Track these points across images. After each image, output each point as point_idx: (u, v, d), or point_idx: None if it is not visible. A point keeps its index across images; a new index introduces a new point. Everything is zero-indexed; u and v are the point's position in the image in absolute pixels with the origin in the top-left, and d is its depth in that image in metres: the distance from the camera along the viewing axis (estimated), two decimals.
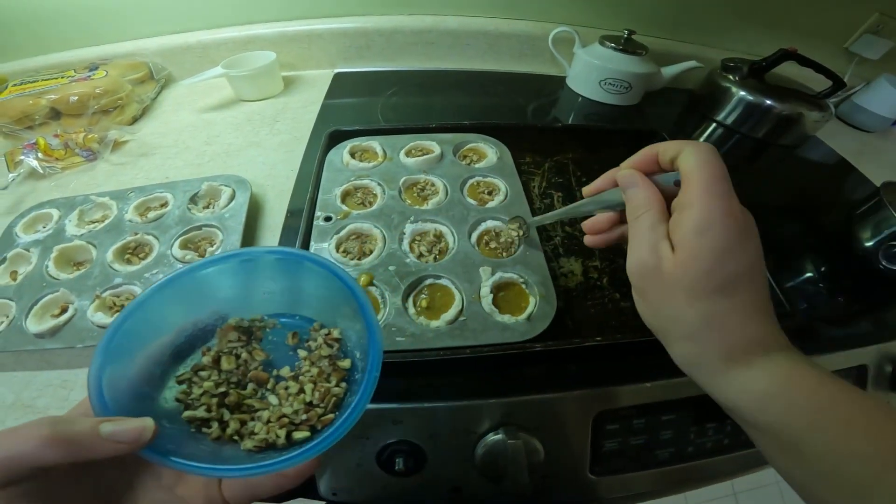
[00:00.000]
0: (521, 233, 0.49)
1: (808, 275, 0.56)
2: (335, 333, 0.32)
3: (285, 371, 0.31)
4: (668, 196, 0.30)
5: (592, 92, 0.82)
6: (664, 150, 0.30)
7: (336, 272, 0.30)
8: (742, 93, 0.75)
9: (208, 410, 0.28)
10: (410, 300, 0.44)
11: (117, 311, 0.46)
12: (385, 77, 0.86)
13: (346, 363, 0.31)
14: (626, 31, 0.77)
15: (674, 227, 0.28)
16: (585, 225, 0.36)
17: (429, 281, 0.46)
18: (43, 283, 0.48)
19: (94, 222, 0.55)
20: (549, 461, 0.41)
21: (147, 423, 0.22)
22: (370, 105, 0.78)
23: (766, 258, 0.51)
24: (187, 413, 0.27)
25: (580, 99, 0.84)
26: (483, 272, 0.46)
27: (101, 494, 0.24)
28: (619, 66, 0.77)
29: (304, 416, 0.27)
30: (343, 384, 0.29)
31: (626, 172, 0.31)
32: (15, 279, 0.50)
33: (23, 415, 0.41)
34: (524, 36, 0.87)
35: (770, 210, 0.64)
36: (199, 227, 0.52)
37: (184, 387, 0.28)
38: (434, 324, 0.42)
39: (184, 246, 0.51)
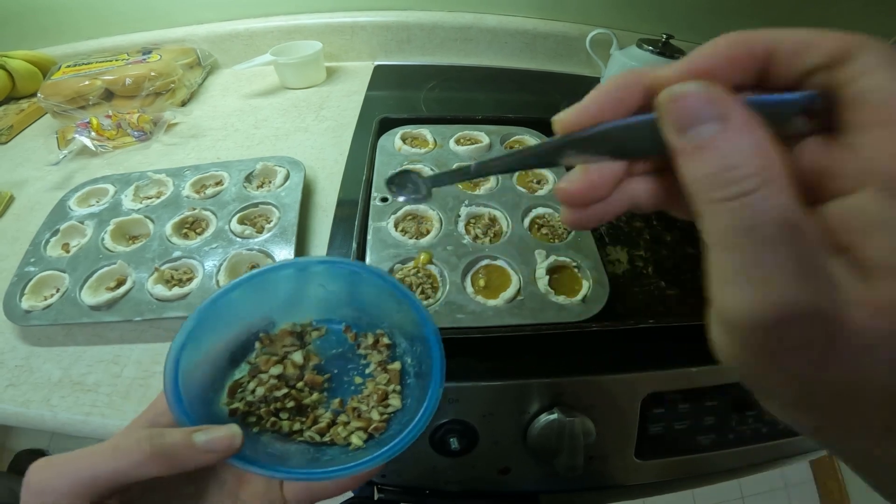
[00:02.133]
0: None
1: None
2: (385, 339, 0.33)
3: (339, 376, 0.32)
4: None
5: None
6: (797, 45, 0.14)
7: (392, 283, 0.30)
8: None
9: (268, 414, 0.29)
10: (468, 279, 0.45)
11: (175, 284, 0.47)
12: (424, 71, 0.88)
13: (396, 365, 0.31)
14: (665, 35, 0.78)
15: (860, 229, 0.13)
16: (564, 194, 0.18)
17: (485, 261, 0.47)
18: (99, 255, 0.49)
19: (149, 198, 0.56)
20: (599, 443, 0.42)
21: (234, 429, 0.23)
22: (412, 97, 0.80)
23: None
24: (251, 418, 0.28)
25: None
26: (538, 255, 0.47)
27: None
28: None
29: (358, 423, 0.29)
30: (397, 388, 0.30)
31: (692, 87, 0.14)
32: (68, 251, 0.50)
33: (70, 392, 0.41)
34: (560, 36, 0.89)
35: None
36: (256, 205, 0.54)
37: (241, 392, 0.29)
38: (492, 302, 0.43)
39: (241, 222, 0.52)
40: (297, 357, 0.31)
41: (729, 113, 0.13)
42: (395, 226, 0.49)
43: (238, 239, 0.50)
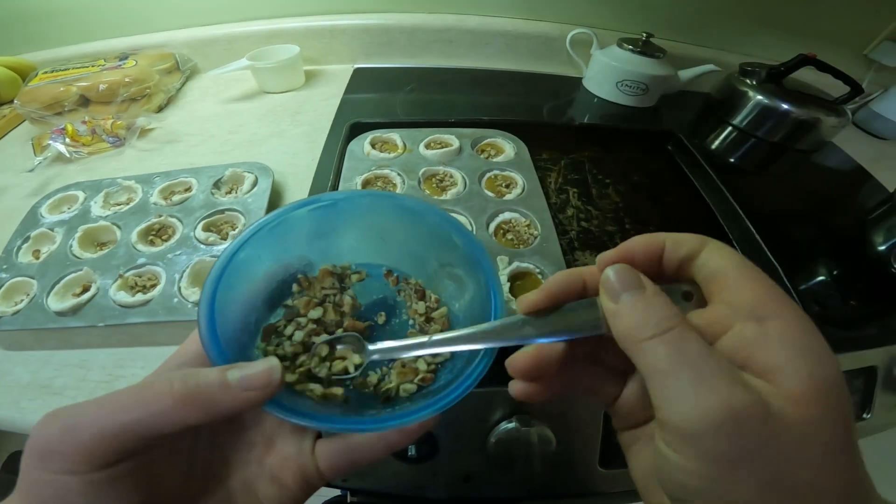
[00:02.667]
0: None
1: (821, 278, 0.56)
2: (423, 285, 0.30)
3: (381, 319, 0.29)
4: None
5: (609, 93, 0.83)
6: (676, 243, 0.20)
7: (454, 224, 0.27)
8: (759, 97, 0.76)
9: (306, 362, 0.26)
10: None
11: (139, 290, 0.47)
12: (404, 73, 0.88)
13: (442, 310, 0.29)
14: (645, 34, 0.78)
15: (747, 347, 0.17)
16: (516, 367, 0.22)
17: None
18: (67, 262, 0.49)
19: (119, 204, 0.56)
20: (561, 452, 0.41)
21: (273, 362, 0.20)
22: (389, 100, 0.79)
23: (782, 262, 0.52)
24: (291, 369, 0.25)
25: (596, 100, 0.85)
26: (500, 261, 0.46)
27: (197, 473, 0.23)
28: (636, 67, 0.78)
29: (404, 374, 0.26)
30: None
31: (621, 269, 0.20)
32: (38, 258, 0.51)
33: (38, 395, 0.41)
34: (542, 37, 0.88)
35: (785, 214, 0.64)
36: (222, 211, 0.54)
37: (276, 338, 0.27)
38: None
39: (206, 229, 0.52)
40: (338, 300, 0.28)
41: (643, 283, 0.19)
42: None
43: (202, 246, 0.50)
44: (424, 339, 0.23)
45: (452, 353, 0.27)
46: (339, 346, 0.26)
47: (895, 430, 0.50)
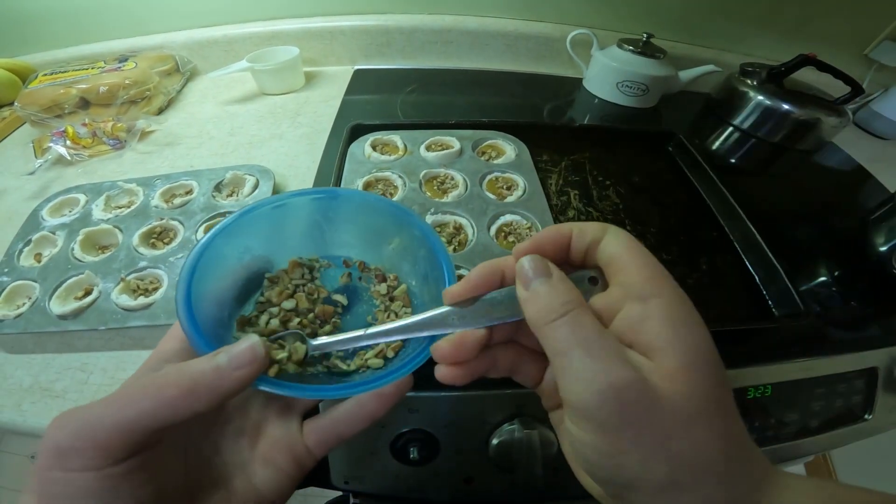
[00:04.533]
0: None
1: (822, 279, 0.56)
2: (383, 270, 0.33)
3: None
4: None
5: (609, 94, 0.83)
6: (581, 232, 0.22)
7: (385, 202, 0.31)
8: (760, 97, 0.76)
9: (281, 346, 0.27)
10: None
11: (141, 293, 0.47)
12: (404, 75, 0.88)
13: (402, 288, 0.32)
14: (645, 35, 0.78)
15: (634, 326, 0.19)
16: (441, 353, 0.23)
17: None
18: (68, 265, 0.49)
19: (120, 207, 0.56)
20: (562, 454, 0.41)
21: (253, 339, 0.21)
22: (389, 101, 0.79)
23: (783, 263, 0.52)
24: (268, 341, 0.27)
25: (596, 100, 0.85)
26: None
27: (194, 465, 0.24)
28: (636, 68, 0.78)
29: (375, 349, 0.29)
30: (407, 309, 0.31)
31: (532, 259, 0.21)
32: (39, 261, 0.51)
33: (40, 398, 0.42)
34: (542, 37, 0.88)
35: (786, 214, 0.64)
36: (224, 214, 0.54)
37: (250, 328, 0.28)
38: None
39: (207, 231, 0.52)
40: (309, 289, 0.31)
41: (551, 272, 0.21)
42: None
43: None
44: (360, 332, 0.25)
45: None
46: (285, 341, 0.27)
47: None
